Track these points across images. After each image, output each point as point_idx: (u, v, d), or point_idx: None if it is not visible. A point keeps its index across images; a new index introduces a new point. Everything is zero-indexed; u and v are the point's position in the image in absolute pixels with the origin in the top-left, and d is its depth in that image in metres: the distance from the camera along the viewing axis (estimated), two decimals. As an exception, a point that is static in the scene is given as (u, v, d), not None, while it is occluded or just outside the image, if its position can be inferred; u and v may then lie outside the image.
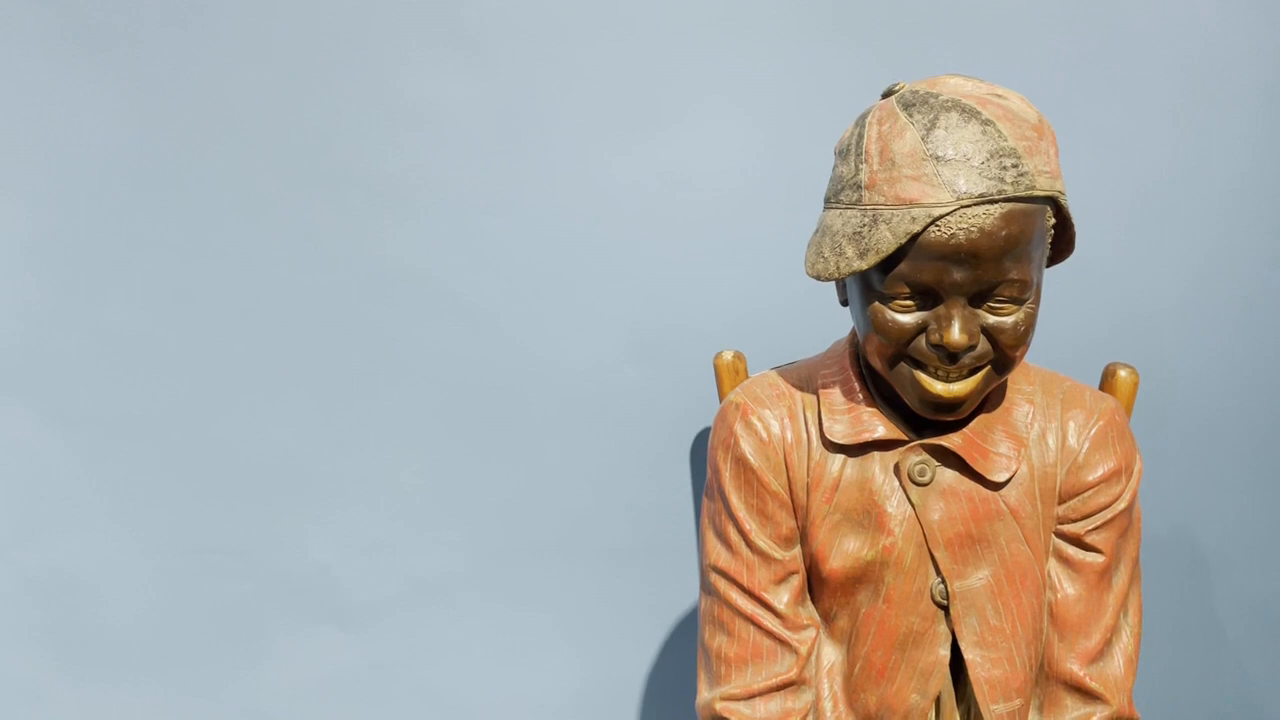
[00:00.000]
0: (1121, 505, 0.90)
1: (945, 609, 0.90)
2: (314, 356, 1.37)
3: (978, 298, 0.82)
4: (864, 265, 0.81)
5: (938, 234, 0.79)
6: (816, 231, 0.87)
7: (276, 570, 1.43)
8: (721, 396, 1.20)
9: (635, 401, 1.37)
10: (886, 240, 0.80)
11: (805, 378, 0.96)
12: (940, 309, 0.82)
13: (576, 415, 1.37)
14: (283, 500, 1.41)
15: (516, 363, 1.36)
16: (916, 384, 0.85)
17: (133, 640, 1.45)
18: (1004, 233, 0.79)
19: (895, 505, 0.90)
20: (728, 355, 1.19)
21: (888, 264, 0.81)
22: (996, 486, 0.90)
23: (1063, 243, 0.88)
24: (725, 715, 0.92)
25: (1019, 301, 0.82)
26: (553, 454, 1.39)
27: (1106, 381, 1.12)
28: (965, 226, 0.79)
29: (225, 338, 1.37)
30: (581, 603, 1.43)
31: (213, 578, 1.44)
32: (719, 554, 0.95)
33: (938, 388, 0.84)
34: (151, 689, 1.47)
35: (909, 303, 0.83)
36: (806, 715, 0.93)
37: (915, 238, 0.80)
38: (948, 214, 0.79)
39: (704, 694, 0.95)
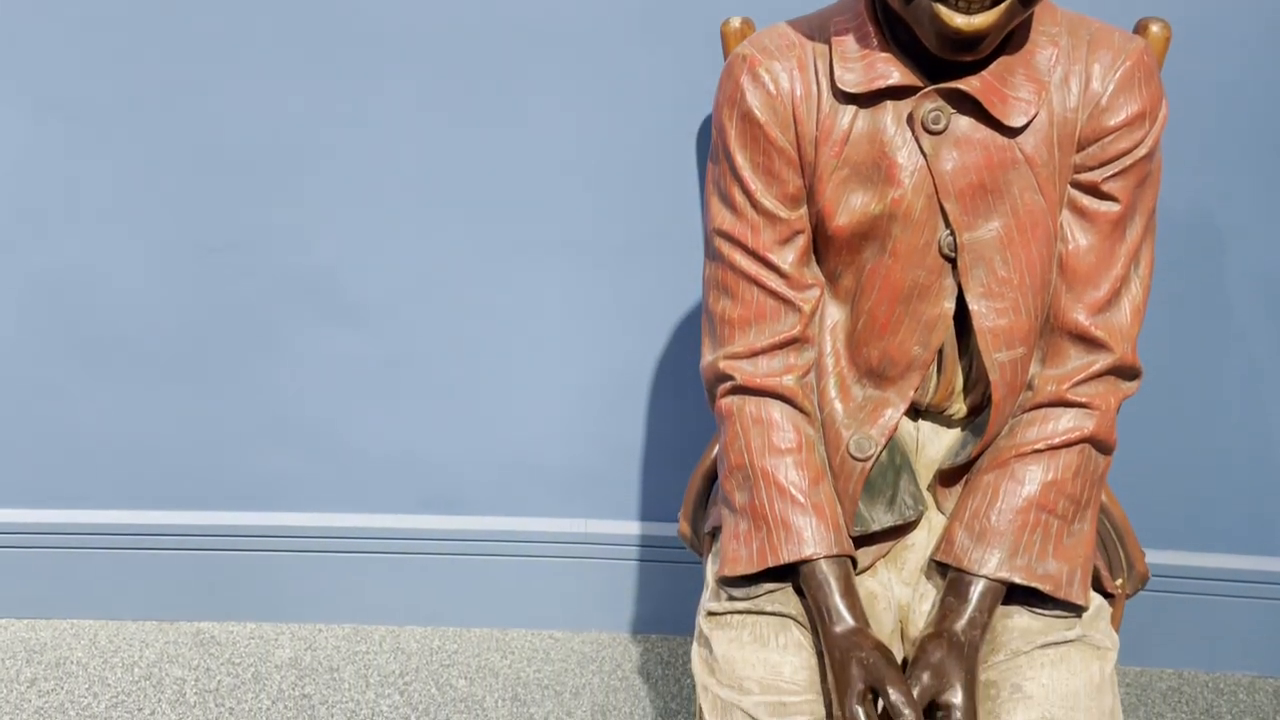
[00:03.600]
0: (1142, 151, 0.87)
1: (952, 261, 0.89)
2: (310, 44, 1.30)
3: (1005, -89, 0.75)
4: (883, -126, 0.73)
5: None
6: None
7: (282, 267, 1.43)
8: (728, 66, 1.14)
9: (638, 81, 1.31)
10: None
11: (817, 26, 0.90)
12: (964, -73, 0.75)
13: (578, 97, 1.32)
14: (284, 194, 1.39)
15: (517, 39, 1.29)
16: (935, 19, 0.79)
17: (143, 338, 1.48)
18: None
19: (906, 156, 0.87)
20: (735, 22, 1.12)
21: None
22: (1013, 133, 0.86)
23: None
24: (728, 372, 0.93)
25: (1052, -84, 0.75)
26: (556, 141, 1.35)
27: (1138, 37, 1.05)
28: None
29: (220, 26, 1.30)
30: (587, 295, 1.43)
31: (218, 274, 1.44)
32: (723, 217, 0.93)
33: (958, 21, 0.79)
34: (163, 386, 1.50)
35: (930, -78, 0.76)
36: (808, 371, 0.94)
37: None
38: None
39: (707, 356, 0.96)
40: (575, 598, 1.59)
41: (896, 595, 0.94)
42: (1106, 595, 1.02)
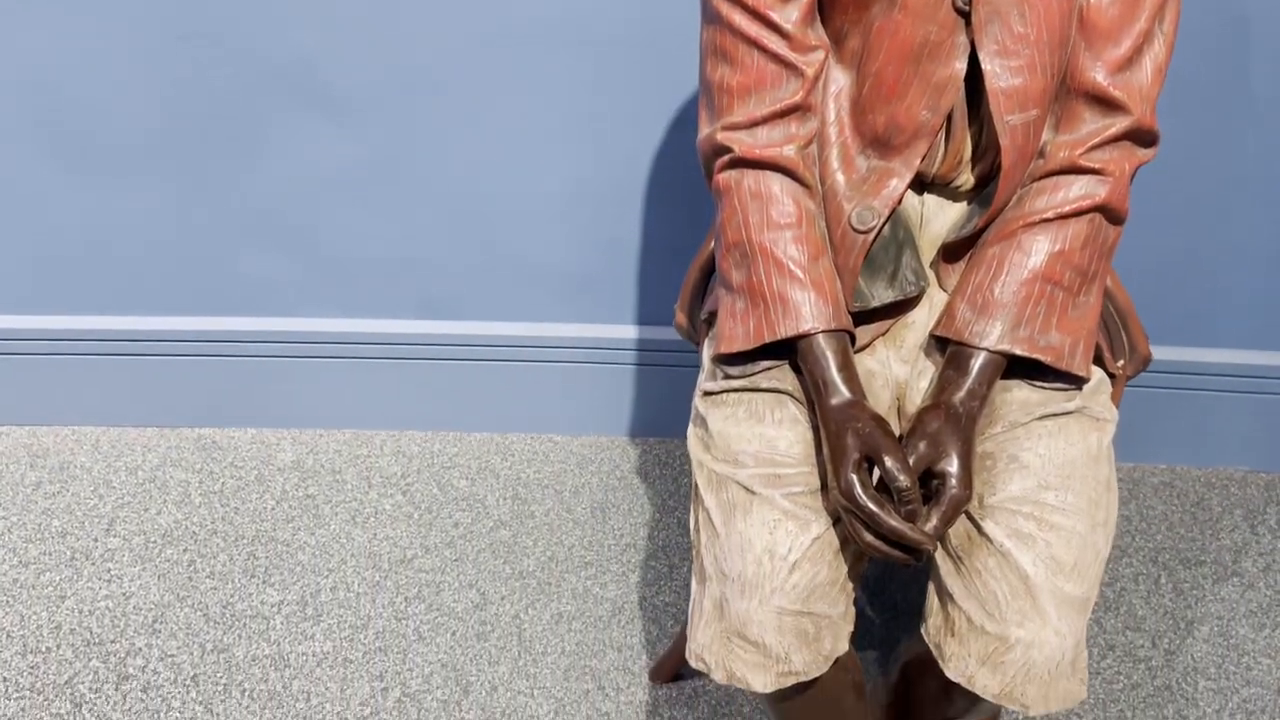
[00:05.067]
0: (1177, -112, 0.80)
1: (966, 16, 0.83)
2: None
3: None
4: None
5: None
6: None
7: (261, 58, 1.36)
8: None
9: None
10: None
11: None
12: None
13: None
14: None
15: None
16: None
17: (121, 137, 1.42)
18: None
19: (920, -104, 0.80)
20: None
21: None
22: None
23: None
24: (726, 144, 0.89)
25: None
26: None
27: None
28: None
29: None
30: (578, 88, 1.37)
31: (196, 66, 1.37)
32: (721, -27, 0.86)
33: None
34: (145, 186, 1.46)
35: None
36: (810, 141, 0.89)
37: None
38: None
39: (704, 129, 0.92)
40: (574, 402, 1.60)
41: (894, 373, 0.93)
42: (1109, 375, 1.01)
